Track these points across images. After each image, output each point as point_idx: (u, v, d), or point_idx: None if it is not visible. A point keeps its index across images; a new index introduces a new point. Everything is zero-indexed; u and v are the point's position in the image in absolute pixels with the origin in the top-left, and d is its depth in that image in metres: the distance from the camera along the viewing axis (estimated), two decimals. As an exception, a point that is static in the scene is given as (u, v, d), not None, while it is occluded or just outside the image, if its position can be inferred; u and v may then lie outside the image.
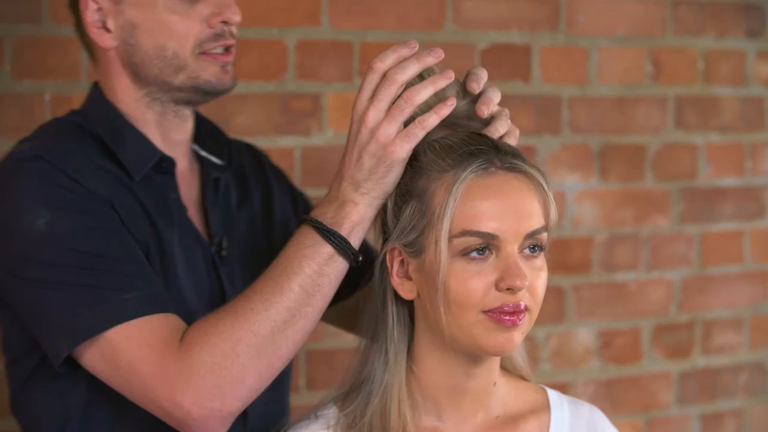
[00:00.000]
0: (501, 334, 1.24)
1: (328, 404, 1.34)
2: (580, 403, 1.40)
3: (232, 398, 1.29)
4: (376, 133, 1.29)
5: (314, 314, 1.33)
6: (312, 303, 1.32)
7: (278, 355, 1.31)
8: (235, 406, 1.30)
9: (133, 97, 1.48)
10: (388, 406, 1.29)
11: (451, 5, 2.37)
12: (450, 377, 1.30)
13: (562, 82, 2.51)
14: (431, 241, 1.25)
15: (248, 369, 1.29)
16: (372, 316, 1.34)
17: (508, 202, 1.24)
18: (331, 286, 1.33)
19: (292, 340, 1.32)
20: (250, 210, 1.59)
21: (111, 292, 1.31)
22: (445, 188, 1.24)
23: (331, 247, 1.31)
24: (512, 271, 1.23)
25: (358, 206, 1.32)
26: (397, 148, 1.28)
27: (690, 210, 2.68)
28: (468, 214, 1.23)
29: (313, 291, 1.31)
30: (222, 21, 1.46)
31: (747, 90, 2.74)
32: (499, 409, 1.34)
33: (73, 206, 1.35)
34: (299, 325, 1.31)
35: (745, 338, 2.77)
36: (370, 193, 1.31)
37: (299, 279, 1.31)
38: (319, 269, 1.31)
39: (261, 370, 1.30)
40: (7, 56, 2.00)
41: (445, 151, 1.27)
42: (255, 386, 1.31)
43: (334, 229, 1.31)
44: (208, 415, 1.29)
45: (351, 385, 1.34)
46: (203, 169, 1.56)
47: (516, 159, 1.27)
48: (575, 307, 2.54)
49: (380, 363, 1.31)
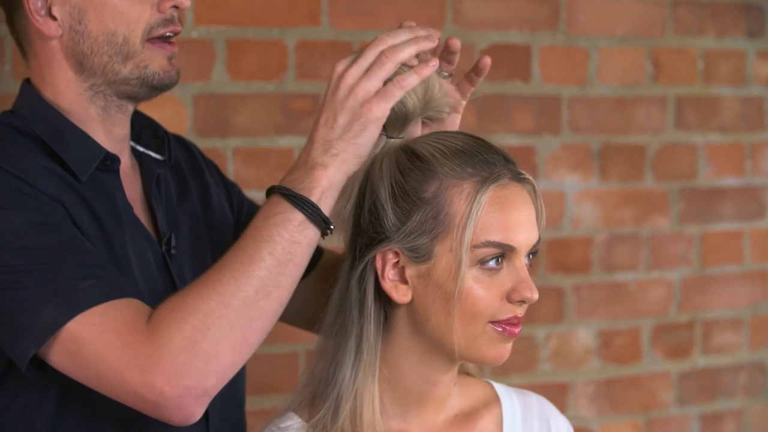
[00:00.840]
0: (502, 344, 1.26)
1: (288, 414, 1.31)
2: (527, 393, 1.41)
3: (207, 374, 1.23)
4: (355, 89, 1.27)
5: (288, 285, 1.27)
6: (285, 272, 1.26)
7: (253, 328, 1.25)
8: (210, 383, 1.24)
9: (75, 91, 1.43)
10: (360, 411, 1.26)
11: (451, 5, 2.38)
12: (422, 380, 1.29)
13: (562, 82, 2.51)
14: (444, 248, 1.24)
15: (221, 343, 1.23)
16: (341, 314, 1.30)
17: (521, 213, 1.25)
18: (303, 254, 1.28)
19: (267, 312, 1.26)
20: (191, 204, 1.55)
21: (67, 283, 1.25)
22: (465, 197, 1.24)
23: (302, 214, 1.27)
24: (526, 283, 1.24)
25: (328, 170, 1.28)
26: (374, 106, 1.26)
27: (690, 210, 2.68)
28: (490, 225, 1.23)
29: (285, 260, 1.26)
30: (173, 5, 1.42)
31: (747, 90, 2.74)
32: (456, 407, 1.34)
33: (20, 206, 1.30)
34: (273, 296, 1.26)
35: (745, 338, 2.77)
36: (340, 154, 1.27)
37: (269, 247, 1.26)
38: (290, 237, 1.26)
39: (235, 344, 1.24)
40: (7, 56, 2.00)
41: (458, 157, 1.26)
42: (230, 362, 1.25)
43: (303, 194, 1.27)
44: (182, 393, 1.22)
45: (314, 391, 1.31)
46: (144, 166, 1.51)
47: (518, 167, 1.29)
48: (575, 307, 2.54)
49: (350, 365, 1.27)
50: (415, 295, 1.27)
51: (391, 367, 1.29)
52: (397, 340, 1.29)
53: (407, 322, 1.28)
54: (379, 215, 1.28)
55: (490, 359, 1.26)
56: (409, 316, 1.28)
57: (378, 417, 1.26)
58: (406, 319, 1.28)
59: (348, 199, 1.31)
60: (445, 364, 1.29)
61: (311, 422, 1.28)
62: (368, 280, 1.28)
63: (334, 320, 1.31)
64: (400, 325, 1.29)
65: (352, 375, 1.27)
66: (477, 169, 1.25)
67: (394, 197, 1.27)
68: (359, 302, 1.29)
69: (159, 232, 1.47)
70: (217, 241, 1.40)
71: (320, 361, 1.31)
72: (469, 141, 1.28)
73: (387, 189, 1.27)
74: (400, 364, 1.29)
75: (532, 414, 1.39)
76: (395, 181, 1.27)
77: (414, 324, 1.28)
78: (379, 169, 1.29)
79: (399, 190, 1.27)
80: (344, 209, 1.32)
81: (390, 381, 1.29)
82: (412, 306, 1.27)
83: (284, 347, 2.21)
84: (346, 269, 1.31)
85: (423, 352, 1.28)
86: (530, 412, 1.39)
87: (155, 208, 1.48)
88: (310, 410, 1.29)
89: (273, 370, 2.20)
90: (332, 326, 1.31)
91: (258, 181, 2.14)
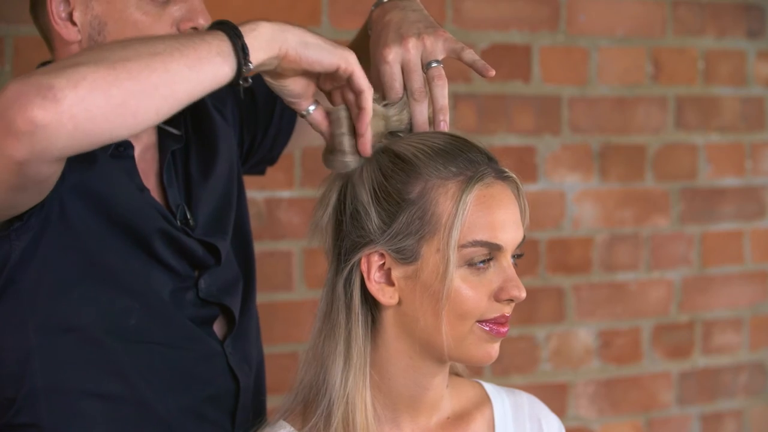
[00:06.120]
0: (490, 344, 1.25)
1: (279, 422, 1.29)
2: (517, 392, 1.41)
3: (62, 78, 1.15)
4: (351, 58, 1.28)
5: (162, 81, 1.19)
6: (170, 68, 1.19)
7: (120, 79, 1.17)
8: (60, 84, 1.14)
9: None
10: (352, 416, 1.24)
11: (451, 5, 2.38)
12: (413, 384, 1.28)
13: (562, 82, 2.51)
14: (431, 249, 1.23)
15: (85, 74, 1.16)
16: (329, 320, 1.28)
17: (507, 212, 1.25)
18: (202, 76, 1.21)
19: (135, 79, 1.18)
20: (215, 177, 1.54)
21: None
22: (451, 197, 1.23)
23: (228, 41, 1.23)
24: (513, 282, 1.24)
25: (266, 24, 1.26)
26: (354, 65, 1.27)
27: (690, 210, 2.68)
28: (476, 224, 1.23)
29: (179, 55, 1.20)
30: (192, 27, 1.43)
31: (747, 90, 2.75)
32: (448, 409, 1.34)
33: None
34: (148, 72, 1.18)
35: (745, 338, 2.77)
36: (287, 30, 1.26)
37: (171, 41, 1.22)
38: (198, 53, 1.21)
39: (97, 80, 1.16)
40: (8, 56, 2.00)
41: (441, 156, 1.25)
42: (85, 94, 1.16)
43: (242, 32, 1.24)
44: (27, 90, 1.15)
45: (305, 398, 1.29)
46: (161, 142, 1.51)
47: (501, 165, 1.27)
48: (575, 307, 2.54)
49: (340, 370, 1.25)
50: (402, 297, 1.25)
51: (380, 373, 1.28)
52: (385, 344, 1.28)
53: (394, 325, 1.27)
54: (361, 218, 1.26)
55: (479, 359, 1.25)
56: (397, 319, 1.27)
57: (372, 421, 1.25)
58: (393, 321, 1.27)
59: (325, 208, 1.30)
60: (435, 367, 1.28)
61: (303, 430, 1.26)
62: (354, 284, 1.26)
63: (321, 326, 1.29)
64: (388, 329, 1.27)
65: (343, 380, 1.25)
66: (461, 168, 1.24)
67: (377, 199, 1.26)
68: (346, 306, 1.27)
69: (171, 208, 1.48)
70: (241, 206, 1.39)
71: (309, 367, 1.30)
72: (451, 140, 1.27)
73: (369, 192, 1.26)
74: (389, 369, 1.28)
75: (524, 414, 1.38)
76: (378, 183, 1.26)
77: (402, 326, 1.27)
78: (359, 173, 1.28)
79: (382, 192, 1.25)
80: (321, 219, 1.30)
81: (380, 386, 1.28)
82: (400, 308, 1.26)
83: (284, 347, 2.21)
84: (331, 275, 1.30)
85: (412, 355, 1.27)
86: (521, 411, 1.38)
87: (166, 187, 1.48)
88: (302, 418, 1.28)
89: (273, 370, 2.19)
90: (320, 332, 1.29)
91: (258, 181, 2.14)
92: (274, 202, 2.22)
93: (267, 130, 1.68)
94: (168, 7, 1.42)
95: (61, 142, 1.16)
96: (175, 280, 1.45)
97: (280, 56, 1.26)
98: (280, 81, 1.29)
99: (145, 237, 1.41)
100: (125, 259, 1.40)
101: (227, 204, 1.56)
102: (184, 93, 1.21)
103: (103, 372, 1.38)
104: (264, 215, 2.21)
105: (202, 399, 1.45)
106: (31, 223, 1.35)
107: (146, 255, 1.42)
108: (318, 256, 2.22)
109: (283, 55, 1.26)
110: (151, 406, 1.39)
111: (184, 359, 1.44)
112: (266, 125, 1.69)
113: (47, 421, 1.36)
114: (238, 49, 1.23)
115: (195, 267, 1.48)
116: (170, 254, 1.43)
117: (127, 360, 1.38)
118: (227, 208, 1.56)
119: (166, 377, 1.41)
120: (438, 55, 1.35)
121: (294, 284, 2.25)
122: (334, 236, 1.30)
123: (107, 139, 1.20)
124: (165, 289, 1.43)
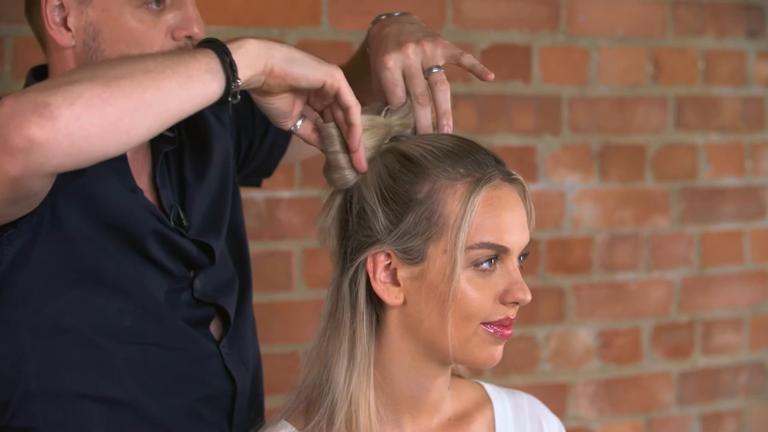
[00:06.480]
0: (494, 347, 1.25)
1: (281, 422, 1.29)
2: (518, 393, 1.41)
3: (58, 95, 1.16)
4: (337, 74, 1.28)
5: (155, 99, 1.20)
6: (162, 86, 1.19)
7: (113, 97, 1.18)
8: (56, 102, 1.15)
9: None
10: (355, 416, 1.24)
11: (451, 5, 2.38)
12: (415, 385, 1.28)
13: (562, 82, 2.51)
14: (438, 249, 1.23)
15: (80, 92, 1.17)
16: (333, 319, 1.28)
17: (514, 214, 1.25)
18: (193, 93, 1.21)
19: (129, 97, 1.18)
20: (208, 179, 1.55)
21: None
22: (459, 198, 1.23)
23: (217, 58, 1.22)
24: (519, 284, 1.24)
25: (253, 41, 1.25)
26: (340, 79, 1.28)
27: (690, 210, 2.68)
28: (483, 226, 1.23)
29: (171, 73, 1.20)
30: (187, 35, 1.43)
31: (747, 90, 2.75)
32: (449, 411, 1.34)
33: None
34: (141, 90, 1.18)
35: (745, 338, 2.77)
36: (274, 47, 1.25)
37: (162, 58, 1.22)
38: (187, 72, 1.21)
39: (93, 98, 1.17)
40: (7, 56, 2.00)
41: (449, 158, 1.25)
42: (81, 112, 1.16)
43: (230, 49, 1.23)
44: (24, 107, 1.15)
45: (308, 398, 1.29)
46: (153, 144, 1.51)
47: (507, 168, 1.28)
48: (575, 307, 2.54)
49: (343, 369, 1.25)
50: (407, 298, 1.26)
51: (383, 373, 1.28)
52: (388, 344, 1.28)
53: (399, 326, 1.27)
54: (368, 218, 1.26)
55: (482, 362, 1.26)
56: (401, 319, 1.27)
57: (375, 421, 1.25)
58: (398, 322, 1.27)
59: (329, 210, 1.30)
60: (438, 368, 1.28)
61: (306, 430, 1.26)
62: (360, 283, 1.26)
63: (326, 325, 1.29)
64: (392, 329, 1.27)
65: (346, 380, 1.25)
66: (469, 169, 1.24)
67: (384, 199, 1.26)
68: (351, 306, 1.27)
69: (165, 209, 1.48)
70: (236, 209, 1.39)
71: (313, 367, 1.29)
72: (459, 142, 1.28)
73: (376, 191, 1.26)
74: (392, 369, 1.28)
75: (524, 415, 1.38)
76: (385, 184, 1.26)
77: (406, 327, 1.27)
78: (365, 174, 1.28)
79: (389, 192, 1.25)
80: (325, 220, 1.31)
81: (383, 387, 1.28)
82: (405, 309, 1.26)
83: (284, 347, 2.21)
84: (336, 274, 1.30)
85: (415, 356, 1.27)
86: (522, 413, 1.38)
87: (159, 189, 1.48)
88: (305, 417, 1.28)
89: (273, 370, 2.20)
90: (324, 331, 1.29)
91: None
92: (274, 202, 2.22)
93: (264, 137, 1.69)
94: (163, 15, 1.42)
95: (56, 159, 1.17)
96: (170, 280, 1.45)
97: (266, 72, 1.26)
98: (267, 99, 1.29)
99: (139, 238, 1.41)
100: (119, 260, 1.40)
101: (221, 204, 1.56)
102: (176, 110, 1.22)
103: (98, 374, 1.38)
104: (264, 215, 2.21)
105: (198, 400, 1.45)
106: (23, 228, 1.35)
107: (140, 256, 1.42)
108: (318, 256, 2.23)
109: (269, 71, 1.26)
110: (146, 407, 1.40)
111: (179, 360, 1.44)
112: (263, 132, 1.69)
113: (42, 425, 1.37)
114: (226, 66, 1.23)
115: (190, 267, 1.48)
116: (164, 255, 1.44)
117: (122, 361, 1.38)
118: (221, 209, 1.56)
119: (161, 378, 1.41)
120: (438, 60, 1.35)
121: (294, 284, 2.25)
122: (339, 236, 1.30)
123: (101, 156, 1.21)
124: (160, 290, 1.43)
